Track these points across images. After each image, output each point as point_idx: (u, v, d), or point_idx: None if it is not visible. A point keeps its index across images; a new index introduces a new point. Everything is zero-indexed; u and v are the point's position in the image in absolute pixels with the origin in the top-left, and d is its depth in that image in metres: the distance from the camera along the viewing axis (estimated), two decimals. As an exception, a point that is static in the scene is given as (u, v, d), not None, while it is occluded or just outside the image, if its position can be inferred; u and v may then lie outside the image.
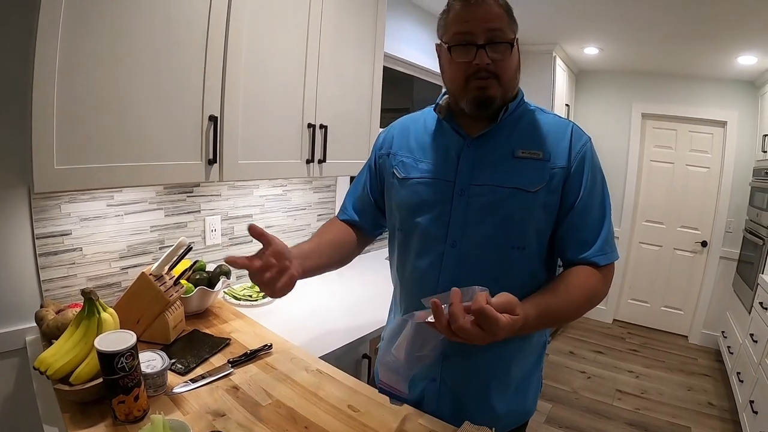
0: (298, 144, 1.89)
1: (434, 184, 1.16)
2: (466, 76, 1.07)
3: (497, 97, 1.08)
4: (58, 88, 1.18)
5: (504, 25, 1.04)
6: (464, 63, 1.06)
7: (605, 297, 1.15)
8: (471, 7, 1.03)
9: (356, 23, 2.08)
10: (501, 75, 1.06)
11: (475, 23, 1.03)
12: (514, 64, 1.09)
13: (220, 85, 1.56)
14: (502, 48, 1.04)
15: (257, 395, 1.20)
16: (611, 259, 1.13)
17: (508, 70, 1.07)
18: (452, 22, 1.07)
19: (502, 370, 1.19)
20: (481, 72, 1.05)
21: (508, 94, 1.12)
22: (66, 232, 1.59)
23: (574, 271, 1.11)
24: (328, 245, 1.26)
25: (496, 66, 1.05)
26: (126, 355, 1.01)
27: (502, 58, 1.05)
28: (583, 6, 2.97)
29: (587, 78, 5.01)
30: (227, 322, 1.69)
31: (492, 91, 1.07)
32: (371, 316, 1.88)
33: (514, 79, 1.12)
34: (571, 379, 3.77)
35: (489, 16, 1.03)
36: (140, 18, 1.33)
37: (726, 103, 4.41)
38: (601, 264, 1.11)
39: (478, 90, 1.07)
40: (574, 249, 1.12)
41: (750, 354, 3.13)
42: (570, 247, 1.13)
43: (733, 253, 4.37)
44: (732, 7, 2.64)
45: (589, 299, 1.08)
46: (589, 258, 1.10)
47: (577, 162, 1.10)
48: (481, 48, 1.03)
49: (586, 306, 1.09)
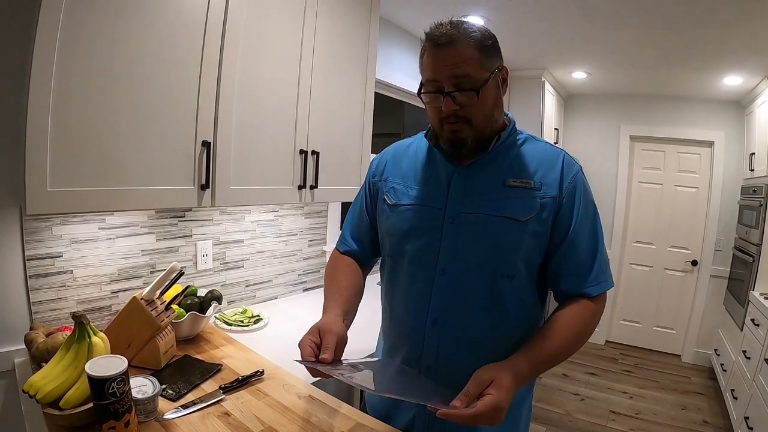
0: (290, 170, 1.90)
1: (424, 211, 1.16)
2: (440, 119, 1.09)
3: (468, 139, 1.08)
4: (52, 112, 1.19)
5: (473, 69, 1.02)
6: (436, 108, 1.07)
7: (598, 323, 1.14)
8: (440, 51, 1.02)
9: (348, 50, 2.11)
10: (472, 118, 1.06)
11: (442, 70, 1.03)
12: (488, 104, 1.08)
13: (214, 110, 1.57)
14: (468, 94, 1.03)
15: (249, 422, 1.19)
16: (604, 289, 1.12)
17: (479, 113, 1.06)
18: (425, 67, 1.07)
19: None
20: (451, 117, 1.06)
21: (485, 132, 1.11)
22: (57, 254, 1.59)
23: (564, 311, 1.10)
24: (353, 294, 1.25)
25: (465, 111, 1.05)
26: (117, 380, 1.00)
27: (469, 103, 1.04)
28: (570, 32, 3.04)
29: (576, 102, 5.09)
30: (218, 347, 1.68)
31: (463, 134, 1.07)
32: (363, 342, 1.87)
33: (490, 116, 1.10)
34: (564, 401, 3.73)
35: (456, 61, 1.01)
36: (135, 43, 1.35)
37: (713, 124, 4.49)
38: (593, 294, 1.10)
39: (450, 132, 1.08)
40: (567, 281, 1.12)
41: (743, 370, 3.15)
42: (562, 278, 1.13)
43: (724, 271, 4.41)
44: (716, 32, 2.72)
45: (581, 334, 1.08)
46: (580, 290, 1.10)
47: (569, 193, 1.10)
48: (448, 95, 1.03)
49: (579, 342, 1.08)
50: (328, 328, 1.03)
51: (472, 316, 1.11)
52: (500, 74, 1.09)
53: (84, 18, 1.23)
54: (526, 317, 1.15)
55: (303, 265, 2.62)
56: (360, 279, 1.32)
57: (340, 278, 1.28)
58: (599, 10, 2.61)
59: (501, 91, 1.11)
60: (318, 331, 1.03)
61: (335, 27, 2.02)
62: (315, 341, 1.01)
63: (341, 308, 1.15)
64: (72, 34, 1.21)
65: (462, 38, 1.01)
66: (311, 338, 1.02)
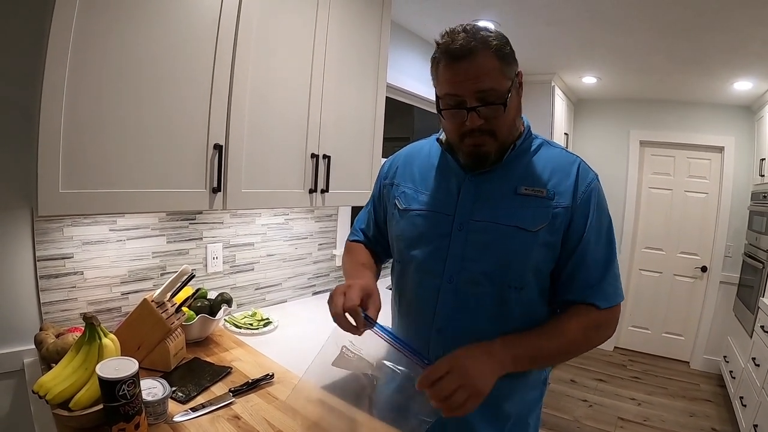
0: (302, 174, 1.90)
1: (433, 217, 1.14)
2: (460, 134, 1.04)
3: (492, 152, 1.05)
4: (65, 114, 1.20)
5: (496, 82, 0.97)
6: (457, 123, 1.03)
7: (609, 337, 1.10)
8: (459, 65, 0.97)
9: (360, 54, 2.12)
10: (497, 130, 1.02)
11: (464, 85, 0.97)
12: (512, 114, 1.04)
13: (226, 113, 1.58)
14: (495, 108, 0.98)
15: (259, 425, 1.19)
16: (613, 302, 1.08)
17: (504, 124, 1.03)
18: (441, 81, 1.02)
19: (492, 408, 1.13)
20: (475, 132, 1.01)
21: (507, 143, 1.08)
22: (67, 256, 1.60)
23: (570, 311, 1.08)
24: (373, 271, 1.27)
25: (491, 124, 1.01)
26: (128, 382, 1.00)
27: (495, 116, 1.00)
28: (580, 37, 3.03)
29: (586, 106, 5.07)
30: (228, 350, 1.68)
31: (487, 148, 1.04)
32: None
33: (513, 126, 1.07)
34: (572, 407, 3.72)
35: (479, 74, 0.96)
36: (147, 46, 1.36)
37: (723, 129, 4.46)
38: (602, 306, 1.06)
39: (472, 146, 1.04)
40: (576, 290, 1.08)
41: (752, 378, 3.11)
42: (572, 288, 1.09)
43: (733, 278, 4.37)
44: (726, 37, 2.70)
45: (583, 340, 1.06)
46: (588, 300, 1.06)
47: (583, 201, 1.06)
48: (472, 110, 0.98)
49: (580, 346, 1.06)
50: (370, 290, 1.03)
51: (478, 326, 1.09)
52: (518, 79, 1.05)
53: (97, 20, 1.24)
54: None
55: (313, 269, 2.62)
56: (374, 261, 1.34)
57: (359, 257, 1.32)
58: (609, 15, 2.59)
59: (520, 96, 1.08)
60: (362, 289, 1.02)
61: (347, 31, 2.02)
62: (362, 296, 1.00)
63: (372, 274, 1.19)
64: (85, 36, 1.21)
65: (481, 49, 0.96)
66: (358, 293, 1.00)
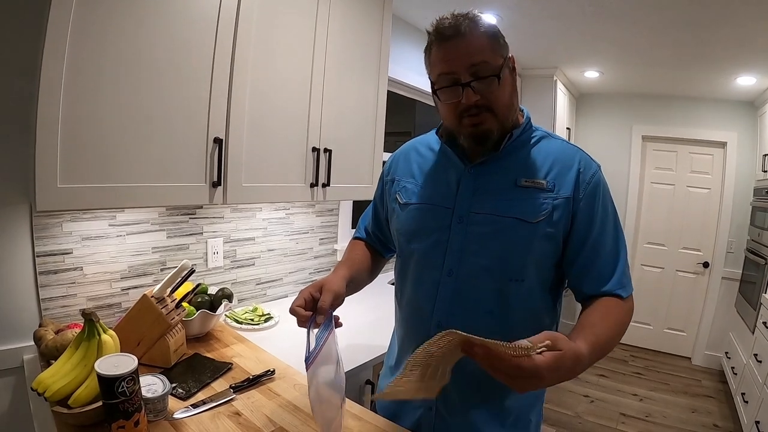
0: (302, 168, 1.89)
1: (432, 210, 1.14)
2: (458, 114, 1.03)
3: (494, 129, 1.04)
4: (62, 107, 1.19)
5: (488, 56, 0.99)
6: (453, 102, 1.03)
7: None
8: (451, 43, 0.99)
9: (361, 48, 2.10)
10: (494, 106, 1.02)
11: (457, 61, 0.99)
12: (508, 90, 1.04)
13: (226, 107, 1.56)
14: (488, 81, 0.99)
15: (259, 422, 1.18)
16: (631, 290, 1.07)
17: (501, 98, 1.02)
18: (435, 62, 1.04)
19: (496, 403, 1.13)
20: (472, 109, 1.01)
21: (508, 122, 1.07)
22: (67, 251, 1.59)
23: (604, 301, 1.03)
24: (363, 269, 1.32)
25: (487, 99, 1.00)
26: (127, 379, 0.99)
27: (490, 90, 1.00)
28: (583, 30, 3.01)
29: (588, 101, 5.05)
30: (229, 346, 1.67)
31: (487, 124, 1.03)
32: (374, 342, 1.86)
33: (511, 104, 1.06)
34: (574, 403, 3.72)
35: (470, 50, 0.98)
36: (146, 39, 1.34)
37: (725, 124, 4.45)
38: (624, 296, 1.04)
39: (472, 126, 1.03)
40: (593, 284, 1.06)
41: (754, 374, 3.11)
42: (587, 282, 1.07)
43: (735, 274, 4.36)
44: (730, 32, 2.68)
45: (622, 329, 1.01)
46: (609, 291, 1.04)
47: (588, 193, 1.06)
48: (467, 86, 0.99)
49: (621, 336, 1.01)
50: (329, 286, 1.08)
51: (477, 320, 1.08)
52: (510, 63, 1.05)
53: (95, 13, 1.22)
54: (535, 325, 1.08)
55: (314, 264, 2.61)
56: (370, 259, 1.37)
57: (354, 253, 1.36)
58: (612, 9, 2.57)
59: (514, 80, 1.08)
60: (320, 288, 1.08)
61: (348, 24, 2.00)
62: (314, 295, 1.06)
63: (348, 273, 1.20)
64: (83, 28, 1.20)
65: (470, 27, 0.98)
66: (311, 291, 1.07)
